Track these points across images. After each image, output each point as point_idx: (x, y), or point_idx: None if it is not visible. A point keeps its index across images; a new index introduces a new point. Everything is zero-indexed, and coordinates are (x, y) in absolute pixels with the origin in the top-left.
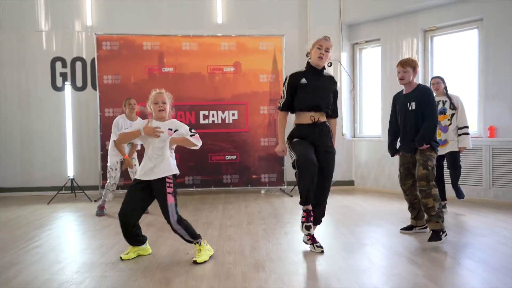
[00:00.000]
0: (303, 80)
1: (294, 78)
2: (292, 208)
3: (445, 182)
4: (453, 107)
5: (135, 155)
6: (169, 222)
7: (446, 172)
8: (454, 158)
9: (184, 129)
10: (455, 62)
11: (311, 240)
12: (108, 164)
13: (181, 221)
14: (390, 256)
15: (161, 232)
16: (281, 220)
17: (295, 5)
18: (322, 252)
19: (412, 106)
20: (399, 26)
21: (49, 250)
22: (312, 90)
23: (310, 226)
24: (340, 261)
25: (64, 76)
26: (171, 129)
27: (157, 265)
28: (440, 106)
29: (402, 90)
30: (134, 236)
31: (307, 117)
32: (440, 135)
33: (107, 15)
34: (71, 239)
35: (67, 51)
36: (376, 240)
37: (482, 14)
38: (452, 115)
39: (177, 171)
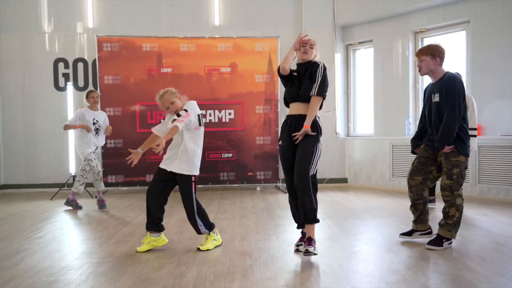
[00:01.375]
0: (294, 73)
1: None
2: (285, 204)
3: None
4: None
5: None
6: (189, 212)
7: None
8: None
9: (183, 111)
10: (444, 63)
11: (300, 239)
12: (82, 158)
13: (199, 209)
14: (372, 246)
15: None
16: (273, 214)
17: (290, 7)
18: (297, 250)
19: (436, 97)
20: (391, 28)
21: (51, 240)
22: (296, 81)
23: (300, 244)
24: (322, 249)
25: (66, 76)
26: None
27: (153, 251)
28: None
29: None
30: (155, 220)
31: (292, 108)
32: None
33: (108, 17)
34: (72, 231)
35: (69, 52)
36: (359, 231)
37: (469, 16)
38: None
39: (197, 172)
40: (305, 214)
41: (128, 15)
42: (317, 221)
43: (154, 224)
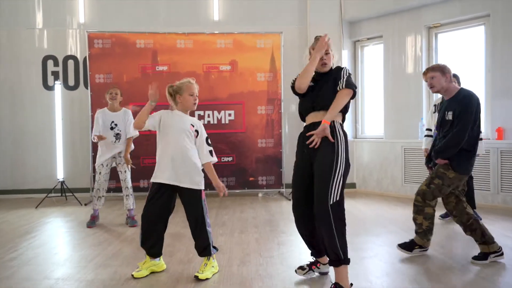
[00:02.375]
0: (311, 83)
1: None
2: (289, 214)
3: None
4: None
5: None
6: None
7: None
8: None
9: (203, 134)
10: (460, 60)
11: (309, 264)
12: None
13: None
14: (389, 272)
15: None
16: (276, 228)
17: (294, 1)
18: (299, 271)
19: (449, 115)
20: (402, 23)
21: (24, 263)
22: (315, 91)
23: (306, 269)
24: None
25: (56, 74)
26: (193, 125)
27: (138, 281)
28: None
29: None
30: (155, 244)
31: (308, 118)
32: None
33: (100, 12)
34: (51, 249)
35: (59, 49)
36: (374, 253)
37: (489, 10)
38: None
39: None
40: (328, 253)
41: (122, 10)
42: (347, 262)
43: (155, 249)
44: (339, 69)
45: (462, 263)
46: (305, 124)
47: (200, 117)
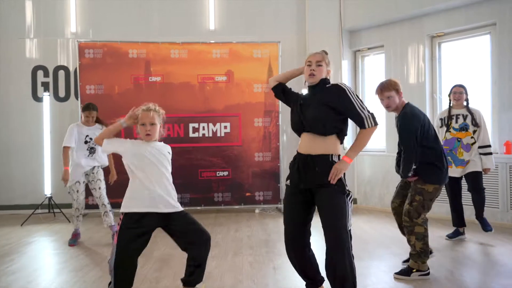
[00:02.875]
0: (301, 101)
1: (300, 94)
2: None
3: (464, 205)
4: (475, 123)
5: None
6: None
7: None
8: (476, 179)
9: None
10: (465, 70)
11: None
12: (68, 184)
13: None
14: None
15: None
16: (272, 249)
17: (293, 10)
18: None
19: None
20: (403, 32)
21: None
22: (306, 107)
23: None
24: None
25: (45, 85)
26: (170, 153)
27: None
28: (460, 121)
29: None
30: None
31: (303, 142)
32: (462, 155)
33: (92, 22)
34: (28, 276)
35: (49, 59)
36: (377, 279)
37: (495, 18)
38: (474, 131)
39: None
40: (342, 284)
41: (114, 19)
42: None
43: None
44: (340, 89)
45: None
46: (298, 148)
47: (195, 130)
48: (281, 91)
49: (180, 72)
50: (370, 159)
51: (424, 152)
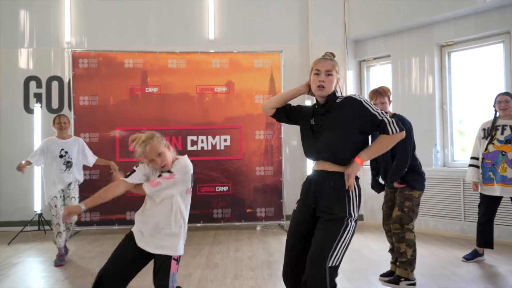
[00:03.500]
0: (312, 121)
1: (309, 112)
2: None
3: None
4: None
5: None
6: None
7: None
8: None
9: (166, 173)
10: (477, 80)
11: None
12: (46, 201)
13: None
14: None
15: None
16: (275, 272)
17: (295, 18)
18: None
19: None
20: (411, 41)
21: None
22: (317, 132)
23: None
24: None
25: (38, 96)
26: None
27: None
28: (507, 132)
29: None
30: None
31: (318, 164)
32: (505, 171)
33: (87, 31)
34: None
35: (42, 69)
36: None
37: (508, 27)
38: None
39: (182, 251)
40: None
41: (110, 28)
42: None
43: None
44: (358, 103)
45: None
46: (314, 168)
47: (193, 143)
48: (284, 116)
49: (178, 82)
50: None
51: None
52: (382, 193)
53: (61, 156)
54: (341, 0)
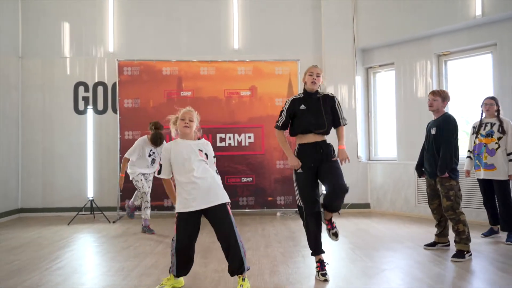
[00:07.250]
0: (302, 106)
1: (295, 103)
2: None
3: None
4: (501, 130)
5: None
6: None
7: None
8: (502, 190)
9: (211, 154)
10: (470, 86)
11: (319, 267)
12: (130, 177)
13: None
14: (410, 281)
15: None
16: (298, 243)
17: (310, 30)
18: (326, 280)
19: (433, 131)
20: (412, 51)
21: (72, 272)
22: (312, 113)
23: (325, 273)
24: (359, 286)
25: (86, 100)
26: (201, 150)
27: None
28: (488, 128)
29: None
30: (189, 267)
31: (309, 138)
32: (486, 158)
33: (128, 41)
34: (92, 261)
35: (89, 76)
36: (394, 265)
37: (495, 39)
38: (500, 138)
39: (227, 198)
40: (338, 206)
41: (148, 39)
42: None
43: (188, 271)
44: (332, 99)
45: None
46: (304, 141)
47: (222, 140)
48: (290, 124)
49: (209, 87)
50: (382, 167)
51: None
52: (390, 184)
53: (149, 155)
54: (351, 14)
